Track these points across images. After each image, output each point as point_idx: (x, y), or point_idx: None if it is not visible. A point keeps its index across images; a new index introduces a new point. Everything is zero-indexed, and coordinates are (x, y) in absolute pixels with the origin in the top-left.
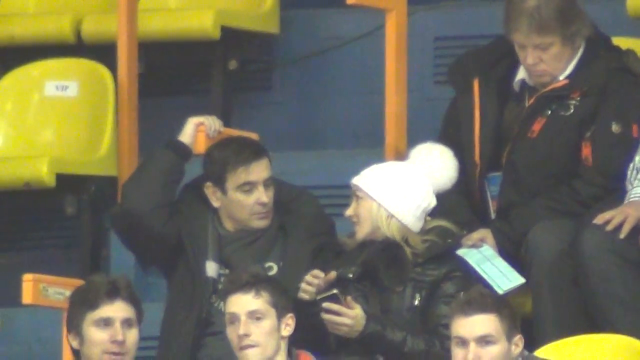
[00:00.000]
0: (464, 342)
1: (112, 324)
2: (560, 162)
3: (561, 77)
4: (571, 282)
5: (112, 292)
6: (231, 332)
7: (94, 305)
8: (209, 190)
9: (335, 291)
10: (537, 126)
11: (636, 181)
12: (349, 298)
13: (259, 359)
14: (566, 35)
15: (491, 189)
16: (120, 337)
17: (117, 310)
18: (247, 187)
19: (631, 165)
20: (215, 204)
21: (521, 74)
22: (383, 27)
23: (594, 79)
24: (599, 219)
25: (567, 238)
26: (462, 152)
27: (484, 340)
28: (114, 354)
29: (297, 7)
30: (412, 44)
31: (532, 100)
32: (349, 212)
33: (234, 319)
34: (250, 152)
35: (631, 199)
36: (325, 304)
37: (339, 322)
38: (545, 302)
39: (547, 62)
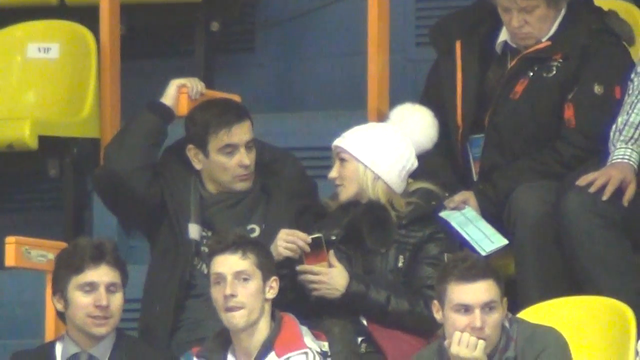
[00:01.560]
0: (467, 309)
1: (96, 288)
2: (542, 124)
3: (543, 39)
4: (554, 243)
5: (97, 257)
6: (216, 293)
7: (78, 269)
8: (191, 152)
9: (319, 234)
10: (519, 88)
11: (619, 143)
12: (331, 252)
13: (244, 321)
14: None
15: (473, 150)
16: (104, 302)
17: (101, 274)
18: (229, 149)
19: (613, 127)
20: (197, 166)
21: (503, 36)
22: None
23: (576, 41)
24: (581, 181)
25: (550, 199)
26: (444, 114)
27: (489, 307)
28: (98, 317)
29: None
30: (394, 6)
31: (514, 62)
32: (332, 174)
33: (220, 279)
34: (232, 114)
35: (614, 161)
36: (300, 267)
37: (315, 280)
38: (528, 264)
39: (532, 25)
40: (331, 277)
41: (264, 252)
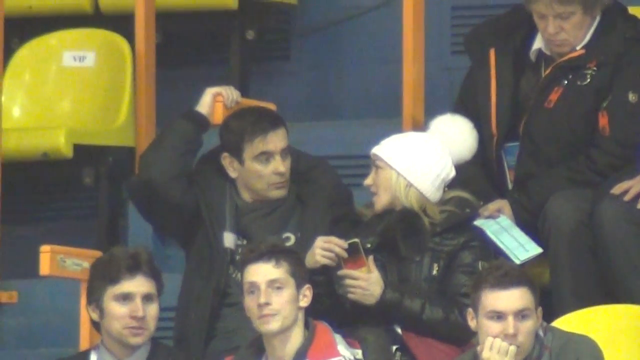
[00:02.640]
0: (500, 316)
1: (132, 299)
2: (577, 132)
3: (578, 47)
4: (589, 252)
5: (133, 267)
6: (250, 302)
7: (114, 279)
8: (226, 160)
9: (356, 240)
10: (554, 96)
11: None
12: (370, 258)
13: (278, 325)
14: (587, 4)
15: (508, 159)
16: (140, 313)
17: (137, 285)
18: (264, 157)
19: None
20: (233, 174)
21: (538, 44)
22: None
23: (610, 49)
24: (616, 189)
25: (585, 208)
26: (478, 122)
27: (522, 314)
28: (134, 328)
29: None
30: (429, 13)
31: (548, 70)
32: (367, 181)
33: (254, 287)
34: (267, 121)
35: None
36: (341, 271)
37: (354, 285)
38: (563, 273)
39: (568, 32)
40: (370, 283)
41: (296, 260)
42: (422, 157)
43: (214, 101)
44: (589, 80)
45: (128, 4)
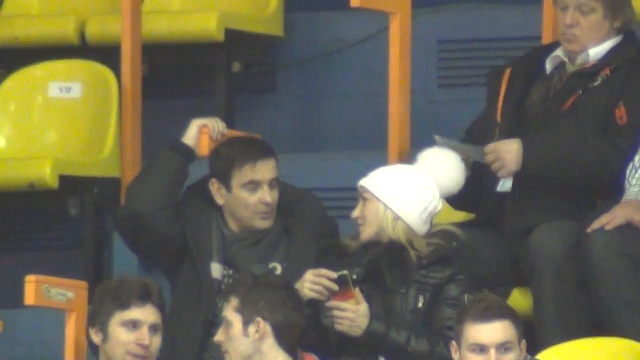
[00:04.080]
0: (482, 349)
1: (140, 327)
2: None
3: (592, 59)
4: (574, 283)
5: (145, 295)
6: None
7: (124, 305)
8: (214, 186)
9: (345, 272)
10: (569, 101)
11: (634, 180)
12: (357, 290)
13: None
14: (610, 5)
15: None
16: (147, 342)
17: (147, 314)
18: (252, 185)
19: (630, 164)
20: (219, 201)
21: (557, 52)
22: (387, 29)
23: (625, 57)
24: (595, 224)
25: (569, 239)
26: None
27: (504, 347)
28: (137, 356)
29: (301, 10)
30: (415, 47)
31: (564, 79)
32: (355, 213)
33: None
34: (258, 150)
35: (627, 198)
36: (329, 303)
37: (342, 317)
38: (547, 304)
39: (583, 28)
40: (358, 315)
41: (246, 294)
42: (409, 190)
43: (200, 133)
44: (599, 82)
45: (114, 35)
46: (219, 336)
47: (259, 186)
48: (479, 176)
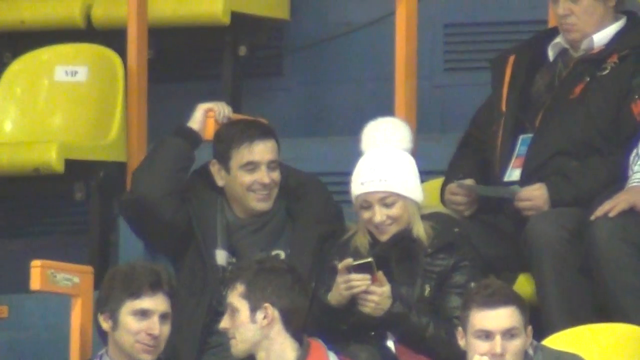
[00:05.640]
0: (488, 335)
1: (150, 316)
2: (596, 123)
3: (597, 45)
4: (576, 270)
5: (156, 284)
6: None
7: (135, 294)
8: (214, 168)
9: (370, 259)
10: (577, 89)
11: (636, 166)
12: (380, 273)
13: (238, 352)
14: None
15: (521, 148)
16: (157, 332)
17: (157, 303)
18: (250, 166)
19: (634, 151)
20: (220, 182)
21: (558, 39)
22: (393, 13)
23: (632, 43)
24: (599, 211)
25: (568, 225)
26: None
27: (510, 333)
28: (147, 345)
29: None
30: (422, 31)
31: (571, 66)
32: (378, 218)
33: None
34: (256, 131)
35: (631, 185)
36: (355, 280)
37: (368, 299)
38: (550, 291)
39: (578, 15)
40: (382, 297)
41: (253, 281)
42: (414, 173)
43: (206, 117)
44: (609, 70)
45: (120, 19)
46: (224, 323)
47: (257, 167)
48: (485, 165)
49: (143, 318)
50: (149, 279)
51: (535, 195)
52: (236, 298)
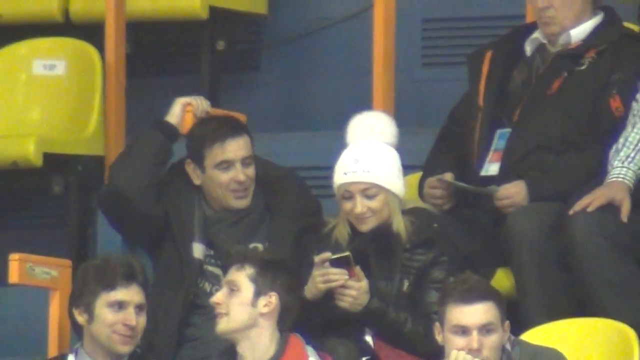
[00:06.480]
0: (464, 331)
1: (126, 307)
2: (574, 118)
3: (575, 40)
4: (555, 264)
5: (130, 275)
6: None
7: (110, 286)
8: (190, 167)
9: (348, 253)
10: (556, 84)
11: (615, 162)
12: (357, 268)
13: (224, 328)
14: None
15: (499, 142)
16: (133, 322)
17: (132, 294)
18: (225, 165)
19: (614, 146)
20: (196, 181)
21: (536, 34)
22: (371, 8)
23: (609, 39)
24: (577, 206)
25: (547, 220)
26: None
27: (486, 329)
28: (124, 336)
29: None
30: (400, 26)
31: (547, 62)
32: (359, 209)
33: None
34: (227, 129)
35: (609, 180)
36: (332, 274)
37: (345, 294)
38: (530, 286)
39: (557, 8)
40: (360, 292)
41: (265, 268)
42: (397, 167)
43: (184, 111)
44: (586, 65)
45: (99, 13)
46: (218, 297)
47: (231, 165)
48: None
49: (119, 309)
50: (123, 271)
51: (514, 192)
52: (243, 278)
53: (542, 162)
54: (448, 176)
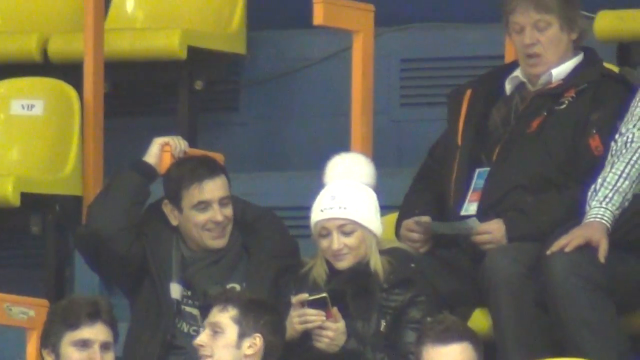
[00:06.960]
0: None
1: (90, 346)
2: (553, 157)
3: (555, 79)
4: (532, 304)
5: (94, 314)
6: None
7: (74, 325)
8: (167, 208)
9: (325, 294)
10: (535, 123)
11: (593, 202)
12: (335, 309)
13: None
14: (565, 17)
15: (477, 181)
16: None
17: (97, 333)
18: (202, 205)
19: (592, 186)
20: (174, 222)
21: (516, 72)
22: (350, 48)
23: (589, 79)
24: (555, 247)
25: (523, 260)
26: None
27: None
28: None
29: (263, 28)
30: (378, 66)
31: (527, 100)
32: (335, 246)
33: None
34: (204, 170)
35: (586, 221)
36: (310, 315)
37: (322, 334)
38: (508, 326)
39: (544, 45)
40: (337, 332)
41: (248, 309)
42: (374, 205)
43: (162, 151)
44: (566, 105)
45: (77, 52)
46: (202, 339)
47: (209, 206)
48: (441, 199)
49: (83, 348)
50: (87, 310)
51: (494, 228)
52: (227, 319)
53: (520, 202)
54: (425, 219)
